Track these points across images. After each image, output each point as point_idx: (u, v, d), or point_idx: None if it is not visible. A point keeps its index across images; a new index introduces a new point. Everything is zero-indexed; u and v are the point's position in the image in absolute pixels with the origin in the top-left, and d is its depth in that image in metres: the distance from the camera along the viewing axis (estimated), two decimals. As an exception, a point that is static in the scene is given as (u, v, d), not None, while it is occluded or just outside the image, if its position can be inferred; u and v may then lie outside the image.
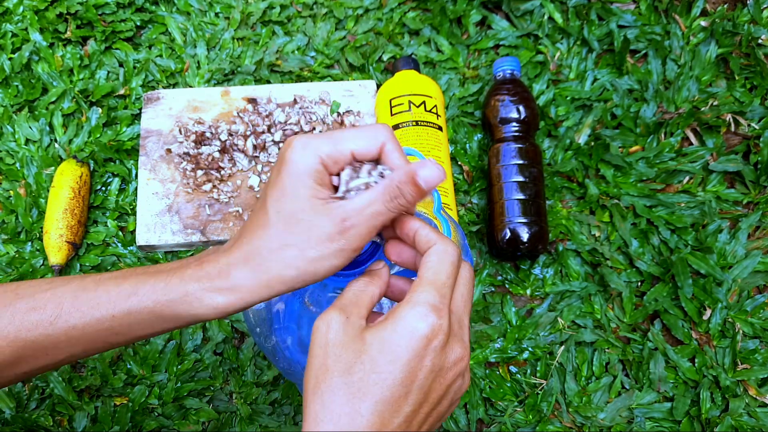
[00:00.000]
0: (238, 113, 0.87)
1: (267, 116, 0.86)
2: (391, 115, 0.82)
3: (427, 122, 0.81)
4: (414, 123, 0.80)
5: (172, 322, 0.45)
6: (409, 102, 0.82)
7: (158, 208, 0.82)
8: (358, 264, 0.46)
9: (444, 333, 0.39)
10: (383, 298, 0.45)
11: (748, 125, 0.84)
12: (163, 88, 0.91)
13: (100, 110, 0.89)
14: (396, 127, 0.81)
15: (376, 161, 0.43)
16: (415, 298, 0.40)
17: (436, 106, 0.82)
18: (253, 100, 0.88)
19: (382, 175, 0.42)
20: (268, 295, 0.43)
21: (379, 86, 0.88)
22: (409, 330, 0.39)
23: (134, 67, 0.92)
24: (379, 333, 0.39)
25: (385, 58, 0.91)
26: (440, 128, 0.82)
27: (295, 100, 0.88)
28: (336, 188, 0.42)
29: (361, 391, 0.38)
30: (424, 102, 0.82)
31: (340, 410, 0.38)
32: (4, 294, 0.48)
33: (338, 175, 0.42)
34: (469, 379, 0.43)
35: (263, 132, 0.85)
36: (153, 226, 0.81)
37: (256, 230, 0.42)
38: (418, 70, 0.86)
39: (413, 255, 0.44)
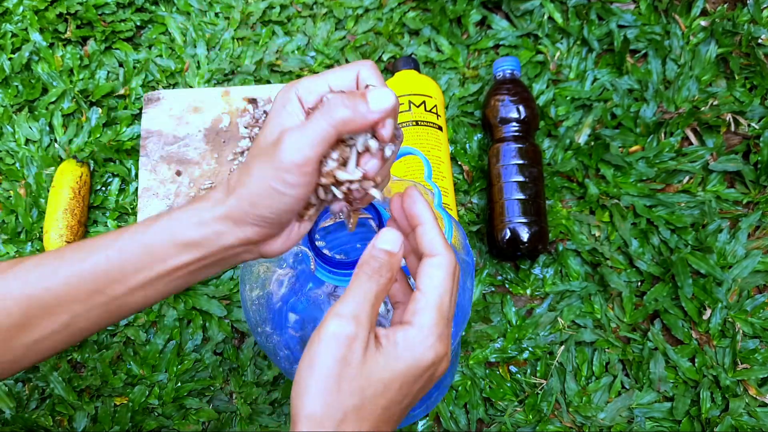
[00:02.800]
0: (238, 113, 0.87)
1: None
2: (391, 115, 0.82)
3: (427, 122, 0.81)
4: (414, 123, 0.81)
5: (159, 253, 0.44)
6: (409, 102, 0.82)
7: (159, 209, 0.82)
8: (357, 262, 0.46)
9: (444, 359, 0.41)
10: None
11: (748, 125, 0.84)
12: (163, 88, 0.91)
13: (100, 110, 0.89)
14: (396, 127, 0.81)
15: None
16: (428, 326, 0.40)
17: (436, 105, 0.82)
18: (253, 101, 0.88)
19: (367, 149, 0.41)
20: (232, 219, 0.42)
21: (379, 86, 0.88)
22: (417, 360, 0.40)
23: (134, 67, 0.92)
24: (390, 360, 0.40)
25: (385, 58, 0.91)
26: (440, 128, 0.82)
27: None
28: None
29: (369, 413, 0.40)
30: (424, 102, 0.82)
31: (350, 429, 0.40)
32: (15, 260, 0.48)
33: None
34: None
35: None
36: (153, 226, 0.81)
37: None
38: (418, 70, 0.86)
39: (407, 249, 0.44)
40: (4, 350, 0.47)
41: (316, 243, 0.47)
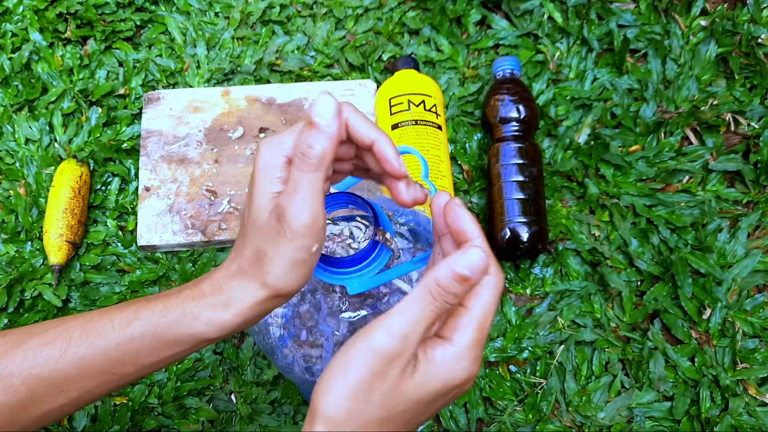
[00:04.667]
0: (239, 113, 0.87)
1: (267, 116, 0.87)
2: (391, 114, 0.82)
3: (427, 121, 0.81)
4: (413, 122, 0.81)
5: (175, 345, 0.45)
6: (409, 101, 0.82)
7: (159, 209, 0.82)
8: (355, 261, 0.46)
9: (474, 378, 0.40)
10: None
11: (748, 125, 0.84)
12: (163, 87, 0.91)
13: (99, 110, 0.89)
14: (395, 126, 0.81)
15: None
16: (467, 346, 0.38)
17: (435, 105, 0.82)
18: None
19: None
20: (262, 308, 0.42)
21: (379, 85, 0.88)
22: (451, 379, 0.39)
23: (134, 67, 0.92)
24: (425, 379, 0.38)
25: (384, 57, 0.91)
26: (440, 127, 0.82)
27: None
28: None
29: (392, 426, 0.39)
30: (423, 101, 0.82)
31: None
32: (18, 334, 0.48)
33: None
34: None
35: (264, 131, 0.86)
36: (154, 227, 0.81)
37: (238, 240, 0.43)
38: (418, 70, 0.86)
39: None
40: (9, 423, 0.48)
41: None
